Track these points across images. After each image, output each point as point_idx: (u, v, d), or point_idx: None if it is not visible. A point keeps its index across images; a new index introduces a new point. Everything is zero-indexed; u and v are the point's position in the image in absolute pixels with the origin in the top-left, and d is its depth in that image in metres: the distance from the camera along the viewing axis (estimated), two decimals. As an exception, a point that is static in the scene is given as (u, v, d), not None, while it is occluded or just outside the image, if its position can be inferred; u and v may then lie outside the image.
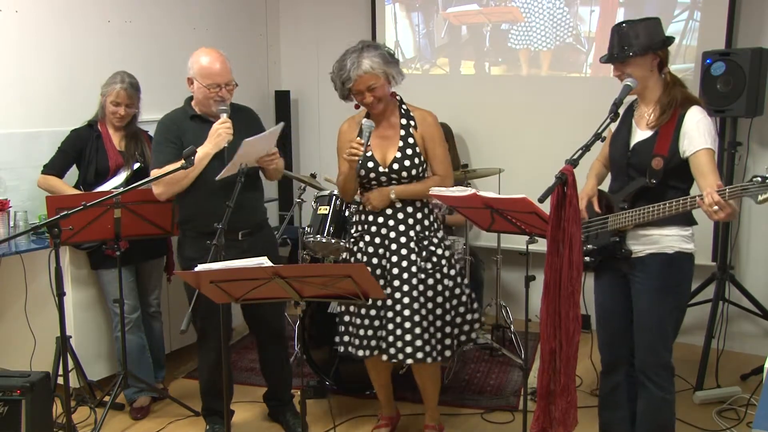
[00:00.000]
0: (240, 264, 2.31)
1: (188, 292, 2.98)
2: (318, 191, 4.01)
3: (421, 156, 3.06)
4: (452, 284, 3.12)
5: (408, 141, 3.05)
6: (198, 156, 2.94)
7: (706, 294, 4.07)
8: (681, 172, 2.58)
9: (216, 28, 5.06)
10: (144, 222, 3.32)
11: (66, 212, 2.71)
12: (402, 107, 3.12)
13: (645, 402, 2.72)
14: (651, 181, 2.56)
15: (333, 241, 3.67)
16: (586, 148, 2.44)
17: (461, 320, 3.17)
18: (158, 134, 3.11)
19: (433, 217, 3.17)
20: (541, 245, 2.53)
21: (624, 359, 2.80)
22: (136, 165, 3.60)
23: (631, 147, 2.66)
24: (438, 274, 3.08)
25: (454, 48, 4.95)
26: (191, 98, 3.16)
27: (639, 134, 2.66)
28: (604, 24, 4.41)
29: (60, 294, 2.74)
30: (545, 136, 4.60)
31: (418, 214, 3.10)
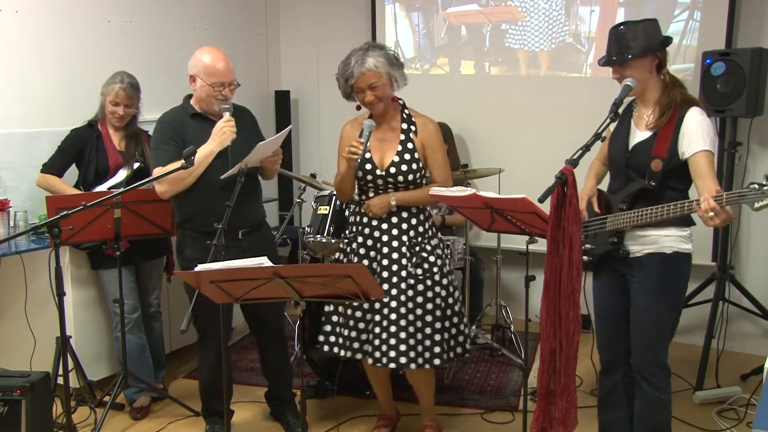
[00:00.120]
0: (240, 264, 2.30)
1: (189, 292, 2.98)
2: (318, 191, 4.01)
3: (420, 162, 3.05)
4: (445, 293, 3.08)
5: (407, 146, 3.05)
6: (203, 153, 2.94)
7: (706, 294, 4.07)
8: (680, 174, 2.58)
9: (216, 28, 5.06)
10: (144, 222, 3.32)
11: (66, 212, 2.71)
12: (404, 112, 3.11)
13: (641, 402, 2.72)
14: (650, 183, 2.56)
15: (333, 241, 3.67)
16: (586, 148, 2.44)
17: (456, 331, 3.13)
18: (159, 132, 3.10)
19: (429, 224, 3.14)
20: (541, 245, 2.53)
21: (622, 359, 2.79)
22: (136, 165, 3.60)
23: (630, 148, 2.66)
24: (429, 281, 3.05)
25: (454, 48, 4.95)
26: (190, 96, 3.16)
27: (638, 135, 2.65)
28: (604, 24, 4.40)
29: (60, 294, 2.74)
30: (545, 136, 4.59)
31: (413, 220, 3.09)
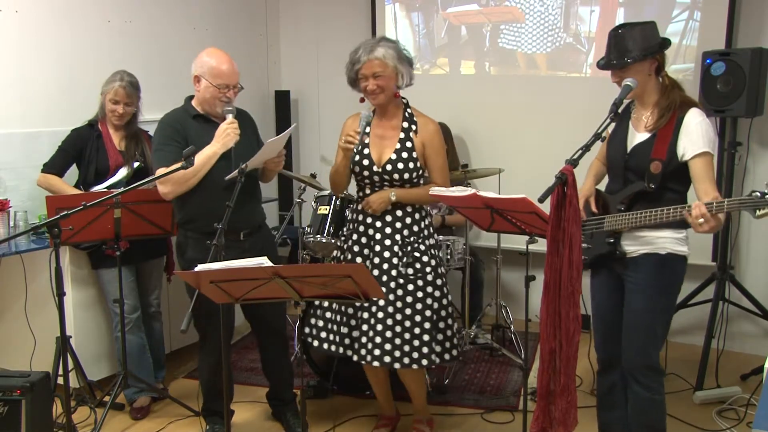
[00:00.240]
0: (240, 264, 2.31)
1: (190, 293, 2.98)
2: (318, 191, 4.01)
3: (418, 162, 3.04)
4: (438, 294, 3.07)
5: (406, 144, 3.04)
6: (206, 155, 2.95)
7: (706, 294, 4.07)
8: (679, 176, 2.58)
9: (216, 28, 5.06)
10: (144, 222, 3.32)
11: (66, 212, 2.71)
12: (407, 111, 3.11)
13: (633, 403, 2.71)
14: (650, 186, 2.56)
15: (333, 241, 3.67)
16: (586, 148, 2.44)
17: (449, 332, 3.12)
18: (160, 133, 3.09)
19: (425, 224, 3.13)
20: (541, 245, 2.53)
21: (619, 358, 2.79)
22: (136, 164, 3.60)
23: (629, 150, 2.66)
24: (420, 281, 3.03)
25: (454, 48, 4.95)
26: (191, 97, 3.16)
27: (637, 137, 2.65)
28: (604, 24, 4.40)
29: (60, 294, 2.74)
30: (545, 136, 4.60)
31: (408, 219, 3.08)
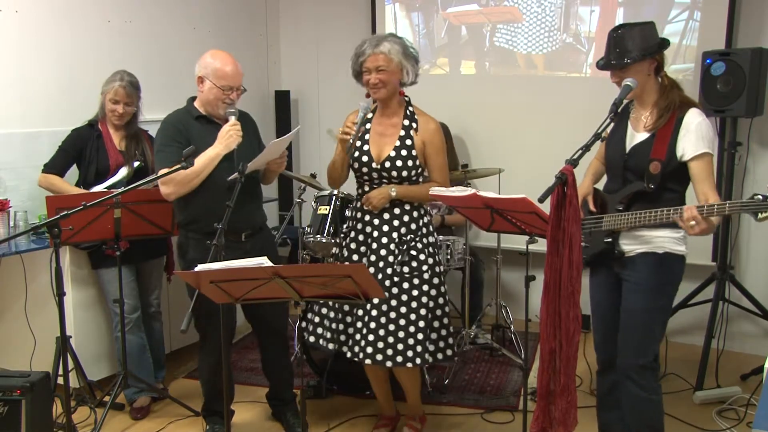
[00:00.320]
0: (240, 264, 2.31)
1: (190, 293, 2.98)
2: (318, 191, 4.00)
3: (417, 160, 3.04)
4: (434, 293, 3.06)
5: (405, 142, 3.04)
6: (209, 156, 2.96)
7: (706, 294, 4.07)
8: (678, 176, 2.58)
9: (216, 28, 5.06)
10: (144, 222, 3.32)
11: (66, 212, 2.71)
12: (408, 109, 3.10)
13: (629, 403, 2.71)
14: (649, 186, 2.56)
15: (333, 241, 3.67)
16: (586, 148, 2.44)
17: (445, 332, 3.11)
18: (163, 134, 3.09)
19: (424, 222, 3.12)
20: (541, 245, 2.53)
21: None
22: (136, 164, 3.60)
23: (628, 150, 2.66)
24: (416, 280, 3.02)
25: (454, 48, 4.95)
26: (193, 98, 3.16)
27: (636, 137, 2.65)
28: (604, 24, 4.40)
29: (60, 294, 2.74)
30: (545, 136, 4.60)
31: (405, 217, 3.08)
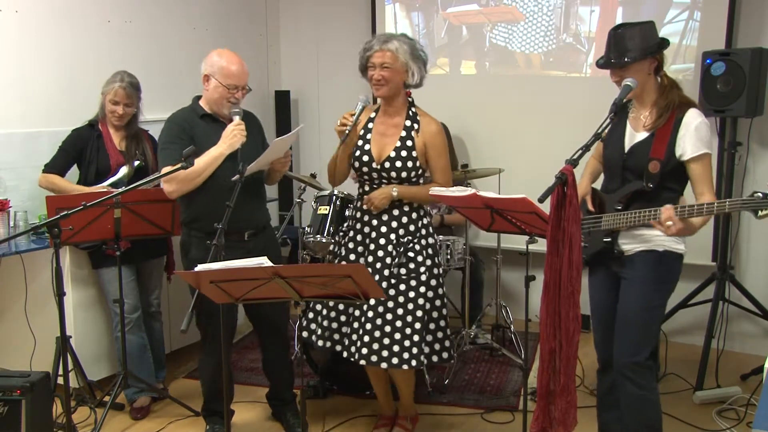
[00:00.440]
0: (240, 264, 2.31)
1: (192, 291, 2.99)
2: (318, 191, 4.01)
3: (417, 161, 3.03)
4: (431, 294, 3.05)
5: (406, 143, 3.04)
6: (212, 155, 2.96)
7: (706, 294, 4.07)
8: (677, 175, 2.59)
9: (216, 28, 5.06)
10: (144, 222, 3.32)
11: (66, 212, 2.71)
12: (411, 109, 3.10)
13: (626, 401, 2.70)
14: (648, 185, 2.57)
15: (333, 241, 3.67)
16: (586, 148, 2.44)
17: (441, 334, 3.11)
18: (167, 132, 3.09)
19: (423, 224, 3.11)
20: (541, 245, 2.53)
21: None
22: (137, 163, 3.60)
23: (627, 149, 2.66)
24: (413, 282, 3.01)
25: (454, 48, 4.95)
26: (199, 97, 3.17)
27: (635, 136, 2.65)
28: (604, 24, 4.40)
29: (60, 294, 2.74)
30: (545, 136, 4.59)
31: (404, 218, 3.07)
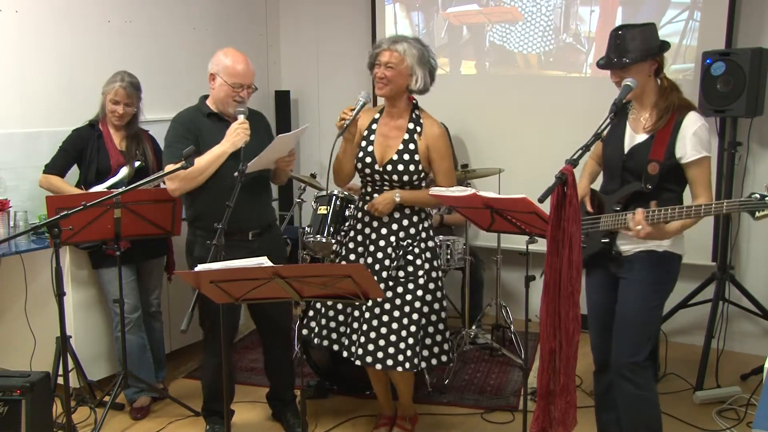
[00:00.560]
0: (240, 264, 2.31)
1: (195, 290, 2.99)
2: (318, 191, 4.01)
3: (419, 164, 3.03)
4: (430, 297, 3.05)
5: (409, 146, 3.04)
6: (215, 154, 2.96)
7: (706, 294, 4.07)
8: (676, 177, 2.60)
9: (216, 28, 5.06)
10: (144, 222, 3.32)
11: (66, 212, 2.71)
12: (414, 112, 3.10)
13: (625, 402, 2.71)
14: (647, 187, 2.57)
15: (333, 241, 3.68)
16: (586, 148, 2.44)
17: (440, 337, 3.11)
18: (172, 131, 3.10)
19: (423, 227, 3.11)
20: (541, 245, 2.53)
21: None
22: (137, 164, 3.60)
23: (627, 151, 2.66)
24: (411, 284, 3.02)
25: (454, 48, 4.95)
26: (206, 97, 3.17)
27: (635, 138, 2.66)
28: (604, 24, 4.40)
29: (60, 294, 2.74)
30: (545, 136, 4.59)
31: (405, 221, 3.07)
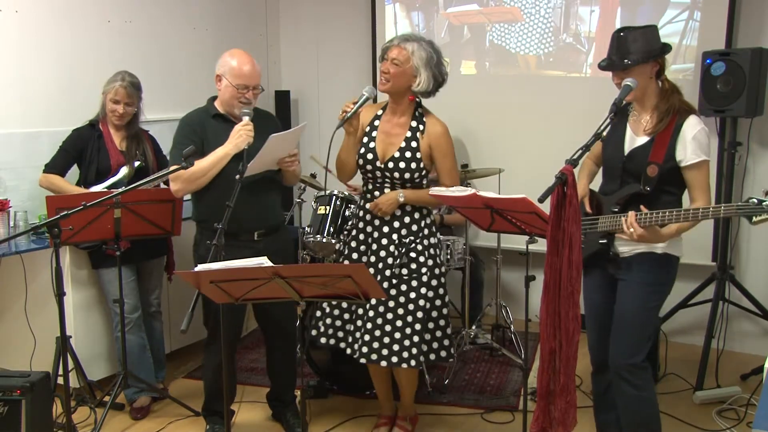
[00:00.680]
0: (240, 264, 2.31)
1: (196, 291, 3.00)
2: (318, 191, 4.01)
3: (421, 162, 3.04)
4: (432, 294, 3.06)
5: (411, 144, 3.04)
6: (218, 155, 2.97)
7: (706, 294, 4.07)
8: (675, 179, 2.60)
9: (216, 28, 5.06)
10: (144, 222, 3.32)
11: (66, 212, 2.71)
12: (417, 110, 3.10)
13: (623, 402, 2.71)
14: (645, 189, 2.57)
15: (333, 241, 3.68)
16: (586, 148, 2.44)
17: (441, 334, 3.12)
18: (179, 132, 3.11)
19: (426, 223, 3.12)
20: (541, 245, 2.53)
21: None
22: (137, 164, 3.60)
23: (627, 152, 2.66)
24: (414, 282, 3.03)
25: (455, 48, 4.95)
26: (214, 98, 3.18)
27: (635, 140, 2.66)
28: (604, 24, 4.40)
29: (60, 294, 2.74)
30: (545, 136, 4.59)
31: (406, 218, 3.08)
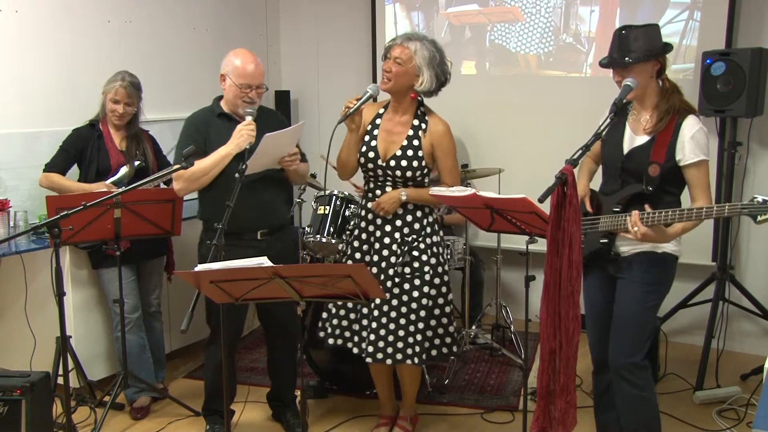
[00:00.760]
0: (240, 264, 2.31)
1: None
2: (318, 191, 4.01)
3: (423, 161, 3.04)
4: (434, 292, 3.07)
5: (413, 143, 3.04)
6: (220, 155, 2.98)
7: (706, 294, 4.07)
8: (675, 179, 2.60)
9: (216, 28, 5.06)
10: (144, 222, 3.32)
11: (66, 212, 2.71)
12: (419, 109, 3.11)
13: (623, 402, 2.71)
14: (648, 189, 2.57)
15: (333, 241, 3.68)
16: (586, 148, 2.44)
17: (443, 331, 3.13)
18: (184, 132, 3.13)
19: (428, 222, 3.12)
20: (541, 245, 2.53)
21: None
22: (137, 163, 3.60)
23: (627, 152, 2.66)
24: (417, 280, 3.04)
25: (455, 48, 4.95)
26: (220, 97, 3.19)
27: (635, 139, 2.66)
28: (604, 24, 4.40)
29: (60, 294, 2.74)
30: (545, 136, 4.59)
31: (409, 217, 3.08)
